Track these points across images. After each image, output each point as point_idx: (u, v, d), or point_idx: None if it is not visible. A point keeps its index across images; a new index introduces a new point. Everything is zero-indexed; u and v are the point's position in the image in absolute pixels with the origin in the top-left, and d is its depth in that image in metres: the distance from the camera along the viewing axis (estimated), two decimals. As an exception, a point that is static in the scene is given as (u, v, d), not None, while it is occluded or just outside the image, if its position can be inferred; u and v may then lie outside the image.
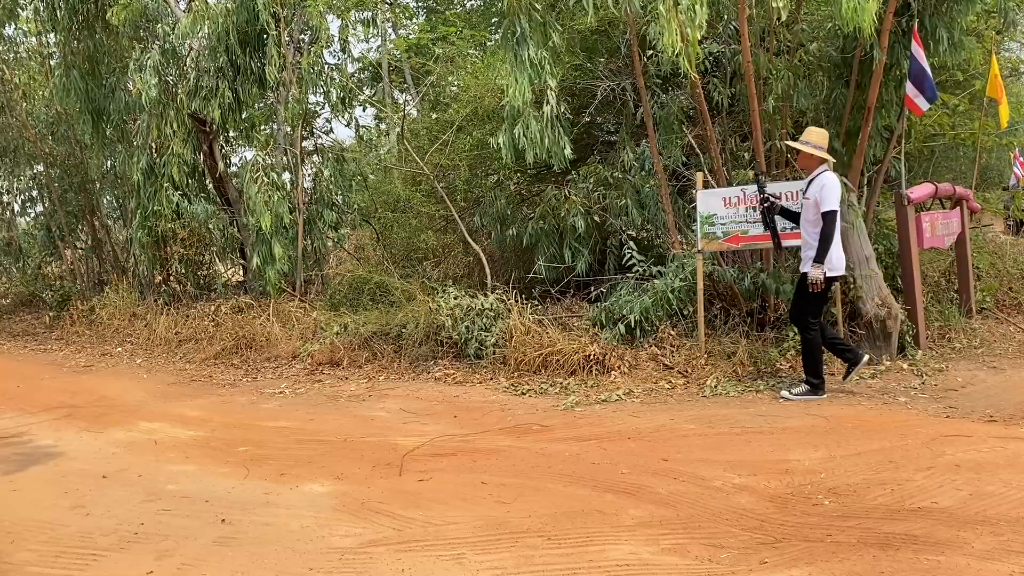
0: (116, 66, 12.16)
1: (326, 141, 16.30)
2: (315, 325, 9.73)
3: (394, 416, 6.51)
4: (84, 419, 7.21)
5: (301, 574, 3.60)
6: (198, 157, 11.70)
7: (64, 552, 4.13)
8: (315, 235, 11.79)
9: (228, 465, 5.43)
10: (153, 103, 10.88)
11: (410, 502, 4.43)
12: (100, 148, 13.15)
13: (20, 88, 14.30)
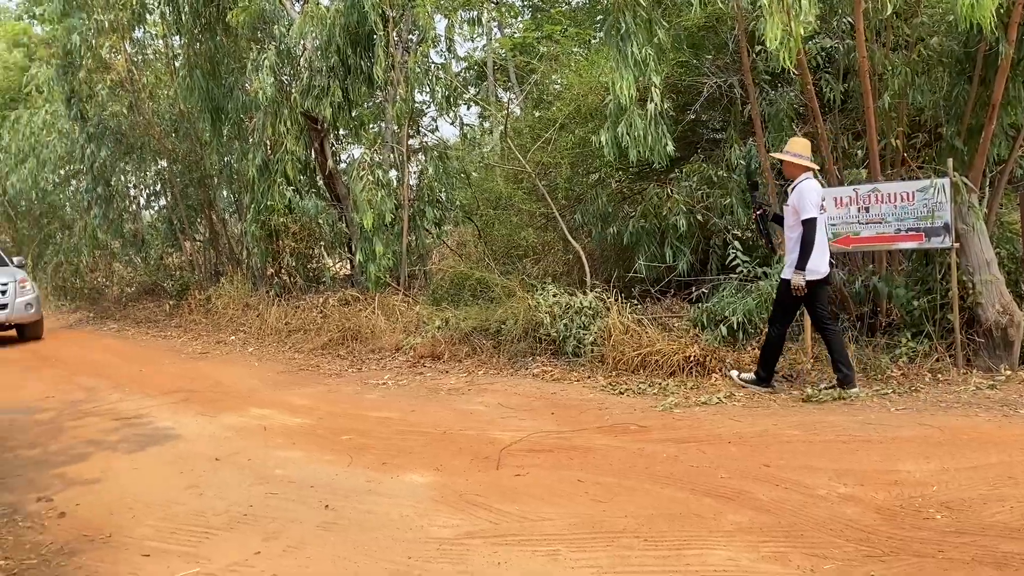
0: (235, 66, 12.72)
1: (431, 139, 16.60)
2: (417, 319, 9.93)
3: (492, 411, 6.58)
4: (200, 403, 7.59)
5: (400, 562, 3.70)
6: (309, 154, 12.12)
7: (179, 529, 4.36)
8: (419, 231, 12.03)
9: (333, 453, 5.62)
10: (268, 102, 11.33)
11: (507, 496, 4.48)
12: (218, 145, 13.79)
13: (147, 88, 15.13)
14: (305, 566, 3.74)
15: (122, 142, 15.20)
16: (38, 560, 4.04)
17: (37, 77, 16.44)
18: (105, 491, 5.10)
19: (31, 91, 17.01)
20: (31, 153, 16.55)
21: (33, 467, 5.75)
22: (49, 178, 16.85)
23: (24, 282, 12.62)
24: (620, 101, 7.90)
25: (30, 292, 12.62)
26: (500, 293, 9.77)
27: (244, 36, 12.59)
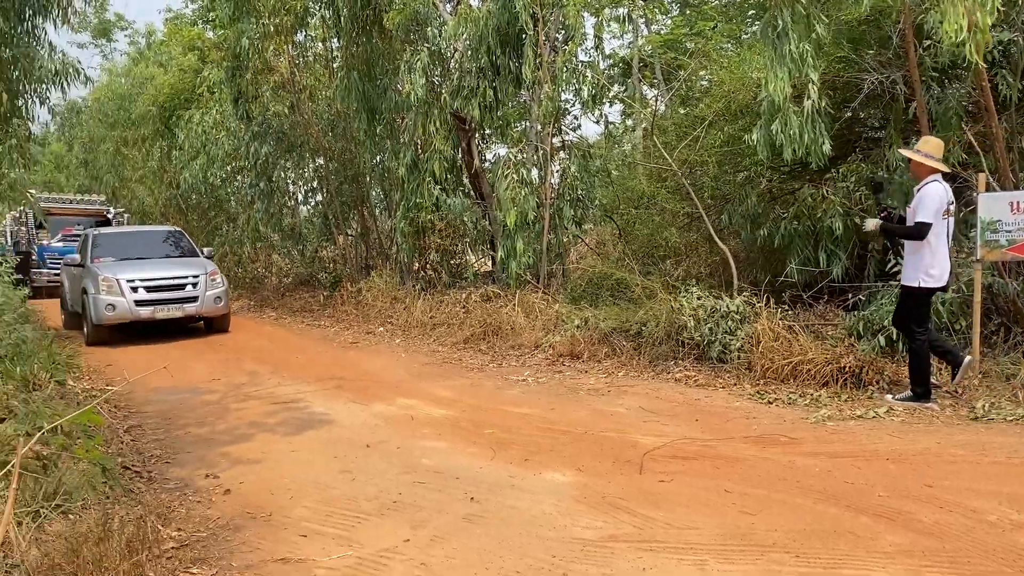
0: (388, 68, 13.18)
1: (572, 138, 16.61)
2: (556, 317, 9.97)
3: (633, 413, 6.53)
4: (351, 391, 7.92)
5: (545, 560, 3.73)
6: (456, 153, 12.39)
7: (334, 513, 4.56)
8: (559, 230, 12.07)
9: (476, 446, 5.73)
10: (419, 102, 11.67)
11: (651, 501, 4.43)
12: (371, 144, 14.32)
13: (307, 89, 15.91)
14: (452, 557, 3.83)
15: (283, 140, 16.06)
16: (207, 533, 4.33)
17: (209, 79, 17.63)
18: (266, 471, 5.41)
19: (203, 92, 18.24)
20: (202, 150, 17.75)
21: (202, 445, 6.17)
22: (217, 174, 18.00)
23: (215, 275, 12.52)
24: (774, 99, 7.64)
25: (220, 285, 12.54)
26: (640, 294, 9.66)
27: (398, 38, 13.01)
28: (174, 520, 4.51)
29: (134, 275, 11.86)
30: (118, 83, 24.32)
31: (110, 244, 13.38)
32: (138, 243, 13.69)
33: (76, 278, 13.04)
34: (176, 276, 12.16)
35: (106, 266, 12.25)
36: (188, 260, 13.13)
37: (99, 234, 13.95)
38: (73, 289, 13.34)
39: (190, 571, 3.84)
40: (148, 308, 11.77)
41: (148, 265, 12.44)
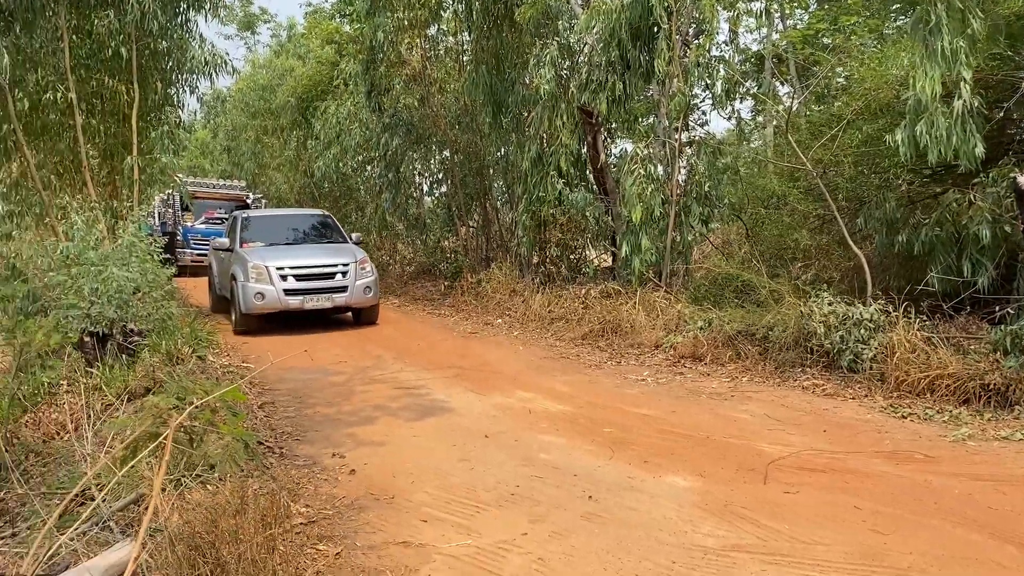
0: (517, 61, 13.27)
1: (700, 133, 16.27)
2: (679, 317, 9.80)
3: (758, 420, 6.34)
4: (470, 381, 8.04)
5: (664, 565, 3.68)
6: (582, 148, 12.35)
7: (453, 500, 4.65)
8: (683, 228, 11.85)
9: (594, 444, 5.71)
10: (547, 96, 11.70)
11: (775, 513, 4.30)
12: (497, 137, 14.47)
13: (437, 82, 16.22)
14: (570, 555, 3.83)
15: (412, 132, 16.44)
16: (333, 512, 4.50)
17: (344, 71, 18.23)
18: (389, 454, 5.57)
19: (339, 84, 18.89)
20: (335, 140, 18.39)
21: (329, 424, 6.41)
22: (348, 163, 18.61)
23: (364, 263, 11.90)
24: (921, 98, 7.25)
25: (369, 274, 11.90)
26: (767, 297, 9.37)
27: (528, 32, 13.07)
28: (303, 496, 4.71)
29: (284, 262, 11.40)
30: (260, 74, 25.51)
31: (259, 227, 12.99)
32: (287, 227, 13.28)
33: (224, 262, 12.75)
34: (326, 264, 11.63)
35: (255, 251, 11.86)
36: (338, 247, 12.54)
37: (248, 217, 13.53)
38: (221, 273, 13.03)
39: (317, 547, 4.00)
40: (297, 298, 11.30)
41: (297, 251, 12.10)
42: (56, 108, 12.29)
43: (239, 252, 12.01)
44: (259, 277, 11.25)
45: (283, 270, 11.31)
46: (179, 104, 13.84)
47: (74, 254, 8.08)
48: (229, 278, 12.00)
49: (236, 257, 11.98)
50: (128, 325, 7.70)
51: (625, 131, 13.85)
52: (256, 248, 12.09)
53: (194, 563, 3.23)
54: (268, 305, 11.20)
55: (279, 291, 11.22)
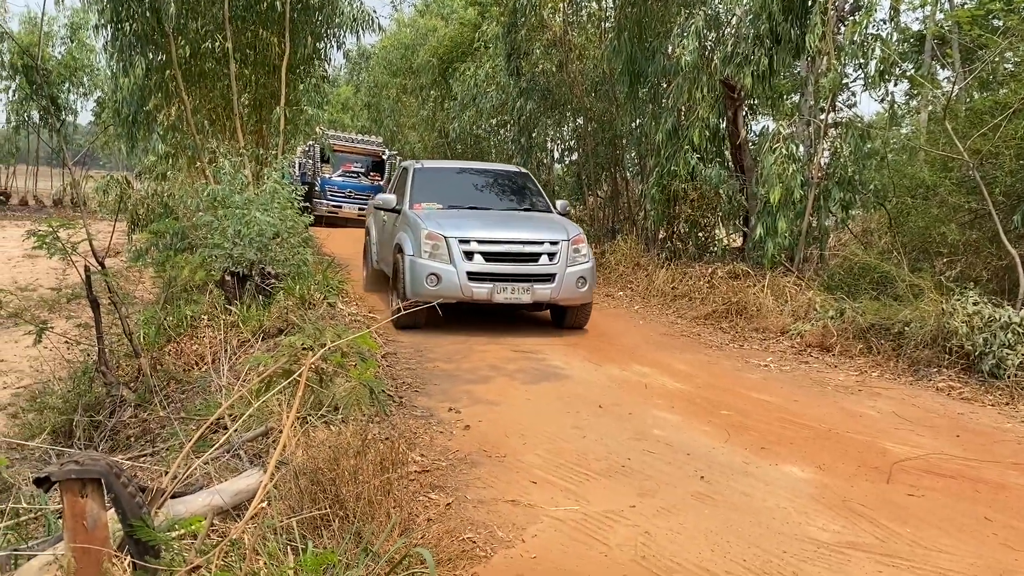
0: (660, 31, 12.96)
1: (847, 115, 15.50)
2: (808, 304, 9.45)
3: (885, 418, 6.06)
4: (586, 349, 8.04)
5: (774, 554, 3.59)
6: (720, 123, 12.00)
7: (563, 465, 4.68)
8: (821, 212, 11.37)
9: (710, 425, 5.61)
10: (688, 67, 11.40)
11: (896, 514, 4.11)
12: (632, 107, 14.23)
13: (577, 48, 16.07)
14: (677, 532, 3.80)
15: (547, 98, 16.39)
16: (446, 464, 4.62)
17: (486, 33, 18.33)
18: (502, 414, 5.65)
19: (480, 47, 19.02)
20: (472, 102, 18.57)
21: (447, 379, 6.56)
22: (483, 125, 18.77)
23: (579, 242, 8.70)
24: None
25: (586, 260, 8.67)
26: (906, 291, 8.89)
27: (675, 1, 12.74)
28: (418, 446, 4.85)
29: (470, 233, 8.36)
30: (404, 33, 26.01)
31: (438, 184, 9.99)
32: (474, 186, 10.36)
33: (387, 227, 10.04)
34: (528, 240, 8.45)
35: (431, 215, 8.90)
36: (542, 217, 9.46)
37: (424, 168, 10.47)
38: (382, 241, 10.42)
39: (429, 496, 4.12)
40: (485, 285, 8.14)
41: (487, 220, 9.02)
42: (213, 57, 12.95)
43: (409, 214, 9.10)
44: (435, 252, 8.29)
45: (468, 244, 8.25)
46: (327, 58, 14.28)
47: (220, 196, 8.53)
48: (393, 249, 9.16)
49: (404, 221, 9.12)
50: (266, 268, 8.09)
51: (768, 108, 13.33)
52: (432, 211, 9.15)
53: (315, 497, 3.38)
54: (444, 291, 8.05)
55: (461, 273, 8.15)
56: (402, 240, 8.78)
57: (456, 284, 8.16)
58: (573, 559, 3.51)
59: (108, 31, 12.21)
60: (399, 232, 9.06)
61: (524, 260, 8.37)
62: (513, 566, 3.44)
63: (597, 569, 3.43)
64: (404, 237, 8.77)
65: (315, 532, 3.27)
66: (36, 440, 6.68)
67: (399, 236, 8.96)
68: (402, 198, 9.66)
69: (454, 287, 8.15)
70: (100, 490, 1.96)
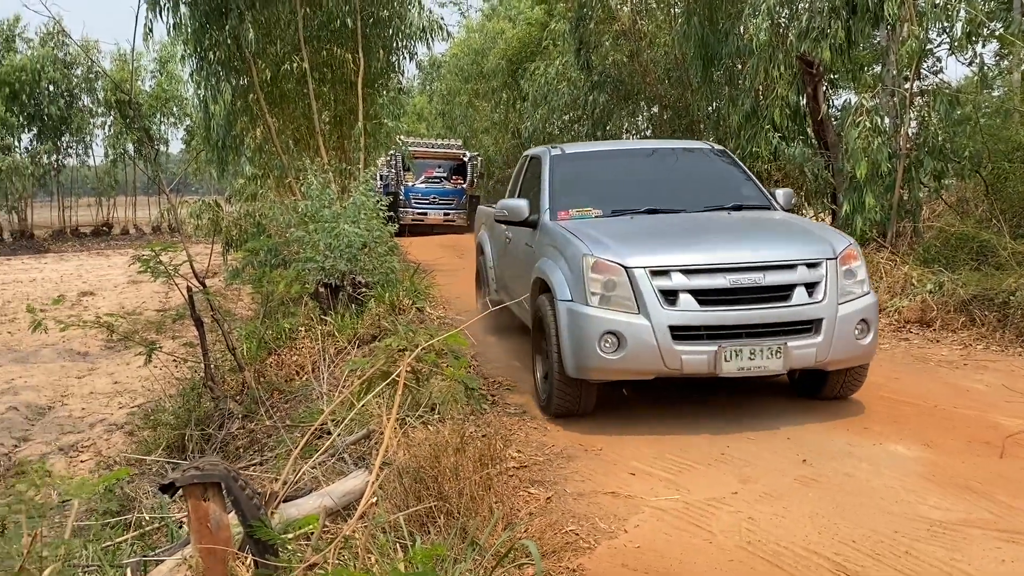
0: (731, 11, 12.75)
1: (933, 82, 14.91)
2: (905, 279, 9.14)
3: (994, 392, 5.83)
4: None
5: (885, 534, 3.52)
6: (800, 100, 11.71)
7: (661, 456, 4.67)
8: (913, 184, 10.98)
9: (808, 408, 5.49)
10: (763, 46, 11.18)
11: (1014, 490, 3.97)
12: (707, 91, 14.04)
13: (647, 37, 15.95)
14: (781, 516, 3.76)
15: (620, 89, 16.32)
16: (543, 459, 4.68)
17: (554, 31, 18.37)
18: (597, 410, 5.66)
19: (548, 44, 19.07)
20: (543, 100, 18.63)
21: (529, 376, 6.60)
22: (555, 123, 18.81)
23: (851, 259, 5.25)
24: None
25: (863, 290, 5.27)
26: (1008, 259, 8.52)
27: (744, -20, 12.52)
28: (514, 443, 4.92)
29: (667, 255, 5.09)
30: (472, 38, 26.28)
31: (590, 178, 6.72)
32: (644, 177, 6.79)
33: (513, 247, 6.99)
34: (769, 262, 5.05)
35: (592, 231, 5.53)
36: (773, 220, 6.05)
37: (565, 156, 6.83)
38: (504, 266, 7.56)
39: (528, 491, 4.18)
40: (703, 348, 4.87)
41: (687, 231, 5.70)
42: (292, 78, 13.37)
43: (553, 230, 5.86)
44: (609, 294, 5.03)
45: (668, 277, 4.96)
46: (400, 70, 14.58)
47: (310, 212, 8.82)
48: (531, 284, 5.91)
49: (546, 240, 5.91)
50: (357, 277, 8.32)
51: (849, 81, 12.96)
52: (590, 222, 5.87)
53: (419, 495, 3.49)
54: (631, 362, 4.94)
55: (659, 329, 4.87)
56: (546, 272, 5.51)
57: (652, 349, 4.79)
58: (677, 547, 3.52)
59: (193, 61, 12.77)
60: (540, 258, 5.78)
61: (765, 298, 4.90)
62: (618, 556, 3.47)
63: (702, 556, 3.43)
64: (549, 268, 5.49)
65: (421, 529, 3.37)
66: (152, 455, 7.04)
67: (540, 266, 5.68)
68: (537, 203, 6.28)
69: (649, 354, 4.82)
70: (220, 494, 2.09)
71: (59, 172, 35.88)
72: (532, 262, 5.96)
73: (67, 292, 17.46)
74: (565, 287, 5.24)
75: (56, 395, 10.21)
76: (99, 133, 35.64)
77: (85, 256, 29.20)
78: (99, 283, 20.74)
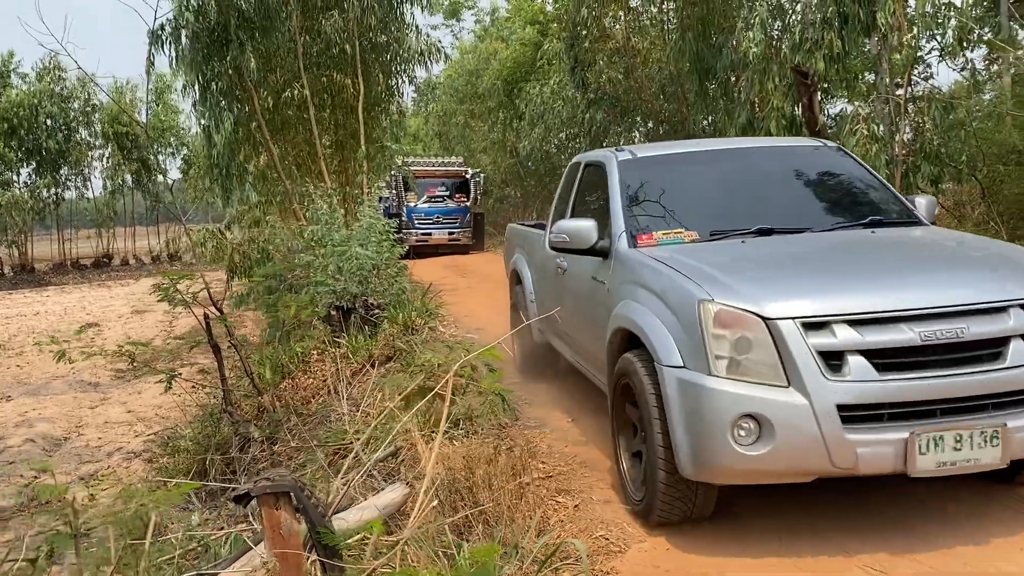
0: (724, 26, 13.01)
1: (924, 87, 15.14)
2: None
3: None
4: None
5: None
6: (796, 110, 11.92)
7: None
8: (912, 189, 11.16)
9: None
10: (757, 59, 11.40)
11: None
12: (703, 105, 14.27)
13: (641, 54, 16.21)
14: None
15: (616, 106, 16.56)
16: (567, 469, 4.77)
17: (548, 51, 18.63)
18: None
19: (543, 64, 19.33)
20: (539, 120, 18.87)
21: (557, 390, 6.70)
22: (552, 141, 19.04)
23: None
24: None
25: None
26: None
27: (736, -5, 12.78)
28: (538, 454, 5.02)
29: (822, 299, 3.50)
30: (466, 60, 26.58)
31: (677, 190, 5.05)
32: (745, 188, 5.14)
33: (569, 281, 5.50)
34: (968, 304, 3.45)
35: (694, 262, 3.99)
36: (945, 243, 4.59)
37: (638, 162, 5.28)
38: (554, 302, 5.71)
39: (556, 499, 4.28)
40: (889, 435, 3.29)
41: (833, 261, 4.18)
42: (293, 104, 13.56)
43: (637, 262, 4.39)
44: (742, 356, 3.44)
45: (830, 330, 3.39)
46: (400, 94, 14.79)
47: (319, 236, 8.95)
48: (608, 334, 4.40)
49: (627, 275, 4.43)
50: (368, 299, 8.43)
51: (843, 90, 13.19)
52: (686, 249, 4.41)
53: (455, 505, 3.59)
54: (784, 460, 3.36)
55: (824, 410, 3.29)
56: (636, 322, 4.02)
57: (813, 439, 3.32)
58: (707, 546, 3.62)
59: (195, 91, 12.95)
60: (620, 300, 4.29)
61: (970, 358, 3.42)
62: (648, 558, 3.57)
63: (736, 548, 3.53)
64: (640, 316, 4.01)
65: (460, 537, 3.47)
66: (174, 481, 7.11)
67: (624, 312, 4.18)
68: (608, 225, 4.80)
69: (808, 447, 3.34)
70: (290, 503, 2.20)
71: (58, 205, 36.14)
72: (605, 303, 4.47)
73: (72, 324, 17.56)
74: (671, 346, 3.63)
75: (71, 426, 10.29)
76: (97, 165, 35.93)
77: (87, 288, 29.34)
78: (103, 314, 20.84)
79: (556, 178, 21.26)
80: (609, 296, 4.50)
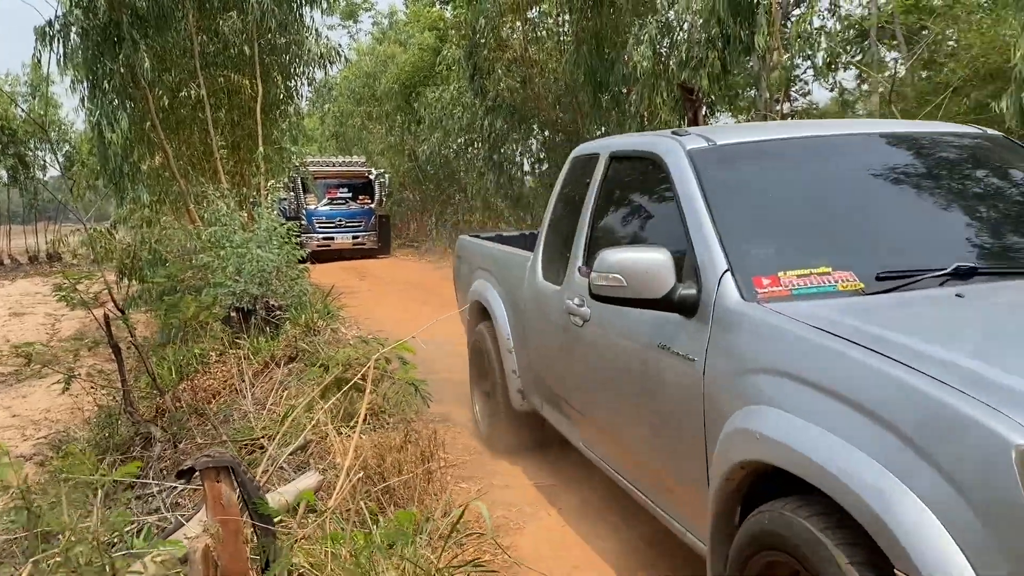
0: (617, 40, 13.59)
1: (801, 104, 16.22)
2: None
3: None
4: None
5: None
6: (682, 124, 12.62)
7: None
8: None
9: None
10: (646, 74, 12.00)
11: None
12: (597, 116, 14.86)
13: (538, 64, 16.69)
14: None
15: (514, 114, 16.98)
16: (470, 458, 5.10)
17: (447, 57, 18.91)
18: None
19: (442, 70, 19.59)
20: (439, 125, 19.13)
21: (457, 386, 7.00)
22: (451, 146, 19.32)
23: None
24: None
25: None
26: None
27: (628, 11, 13.37)
28: (441, 445, 5.30)
29: None
30: (364, 61, 26.54)
31: (797, 205, 3.00)
32: (905, 198, 3.06)
33: (598, 341, 3.44)
34: None
35: (937, 344, 1.96)
36: None
37: (721, 152, 3.12)
38: (560, 364, 3.97)
39: (460, 485, 4.60)
40: None
41: None
42: (189, 104, 13.39)
43: (777, 337, 2.35)
44: None
45: None
46: (299, 95, 14.77)
47: (218, 237, 8.96)
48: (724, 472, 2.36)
49: (758, 357, 2.38)
50: (269, 301, 8.51)
51: (726, 105, 14.01)
52: (865, 306, 2.42)
53: (368, 491, 3.85)
54: None
55: None
56: (818, 465, 1.98)
57: None
58: (598, 522, 3.99)
59: (85, 88, 12.61)
60: (744, 401, 2.36)
61: None
62: (542, 532, 3.94)
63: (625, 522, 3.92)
64: (817, 446, 2.01)
65: (372, 517, 3.73)
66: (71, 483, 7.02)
67: (758, 426, 2.23)
68: (690, 260, 2.81)
69: None
70: (229, 477, 2.42)
71: (-77, 202, 33.94)
72: (696, 401, 2.62)
73: (-57, 327, 16.63)
74: (932, 538, 1.71)
75: (-51, 431, 9.87)
76: (-33, 162, 33.93)
77: (-44, 290, 27.68)
78: (-24, 317, 19.78)
79: (455, 182, 21.67)
80: (711, 387, 2.56)
